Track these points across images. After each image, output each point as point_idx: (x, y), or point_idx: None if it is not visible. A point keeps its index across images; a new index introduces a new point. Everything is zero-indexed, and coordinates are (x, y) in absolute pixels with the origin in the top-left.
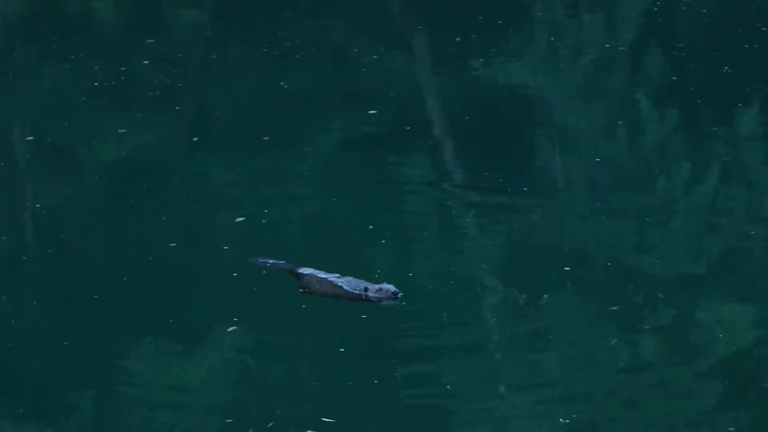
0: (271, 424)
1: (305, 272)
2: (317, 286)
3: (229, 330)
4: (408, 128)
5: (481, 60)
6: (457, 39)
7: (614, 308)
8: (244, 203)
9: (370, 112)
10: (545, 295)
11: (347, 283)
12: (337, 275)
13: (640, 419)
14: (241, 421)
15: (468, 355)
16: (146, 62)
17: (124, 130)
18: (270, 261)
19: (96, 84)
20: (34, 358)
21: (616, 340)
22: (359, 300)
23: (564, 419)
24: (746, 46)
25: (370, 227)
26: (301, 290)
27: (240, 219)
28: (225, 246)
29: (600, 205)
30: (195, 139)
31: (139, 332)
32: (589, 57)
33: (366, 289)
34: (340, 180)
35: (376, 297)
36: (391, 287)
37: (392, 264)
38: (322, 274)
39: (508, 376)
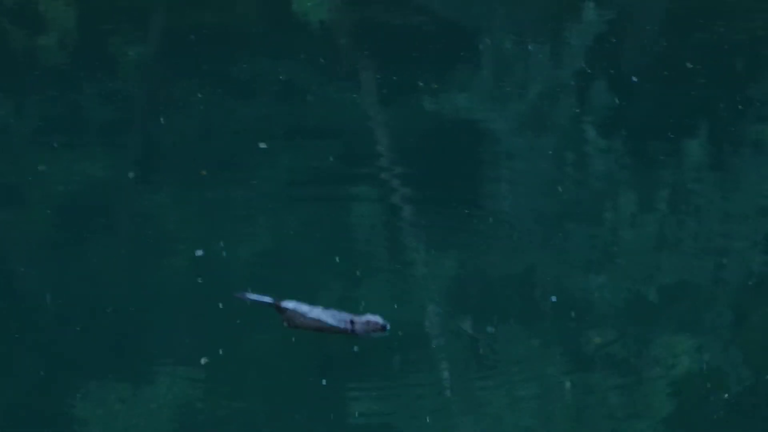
0: None
1: (288, 306)
2: (301, 320)
3: (202, 362)
4: (355, 160)
5: (428, 91)
6: (404, 70)
7: (562, 338)
8: (198, 237)
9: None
10: (492, 328)
11: (331, 316)
12: (321, 308)
13: None
14: None
15: (419, 390)
16: (91, 97)
17: (65, 165)
18: (252, 296)
19: (40, 118)
20: None
21: (565, 371)
22: (346, 333)
23: None
24: (693, 74)
25: (337, 259)
26: (285, 324)
27: (199, 253)
28: (198, 279)
29: (547, 235)
30: (135, 174)
31: (109, 366)
32: (536, 87)
33: (352, 322)
34: (290, 213)
35: (363, 330)
36: (379, 319)
37: (351, 294)
38: (305, 307)
39: (457, 410)
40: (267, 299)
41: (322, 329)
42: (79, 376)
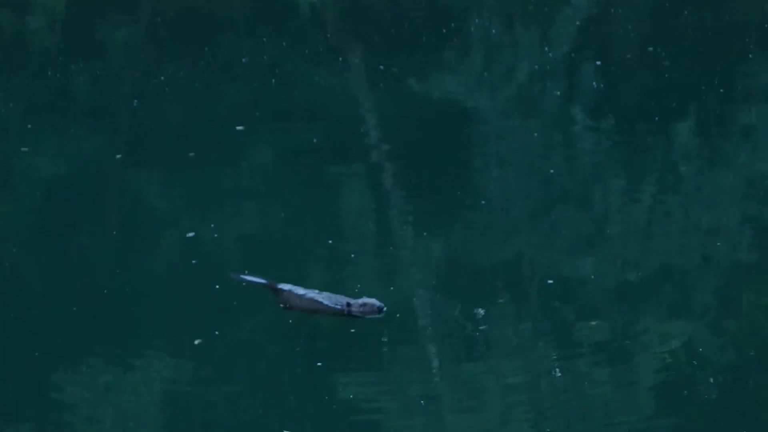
0: None
1: (284, 288)
2: (297, 302)
3: (195, 342)
4: (344, 144)
5: (417, 75)
6: (392, 54)
7: (551, 322)
8: (188, 219)
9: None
10: (481, 311)
11: (327, 298)
12: (316, 291)
13: (575, 428)
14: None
15: (409, 373)
16: (80, 78)
17: (55, 148)
18: (248, 277)
19: (30, 101)
20: None
21: (553, 355)
22: (342, 315)
23: (501, 429)
24: (681, 57)
25: (330, 241)
26: (281, 306)
27: (190, 234)
28: (193, 261)
29: (536, 218)
30: (121, 155)
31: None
32: (524, 70)
33: (348, 305)
34: (279, 195)
35: (359, 312)
36: (375, 302)
37: (343, 277)
38: (300, 290)
39: (447, 391)
40: (262, 281)
41: (318, 311)
42: (68, 359)
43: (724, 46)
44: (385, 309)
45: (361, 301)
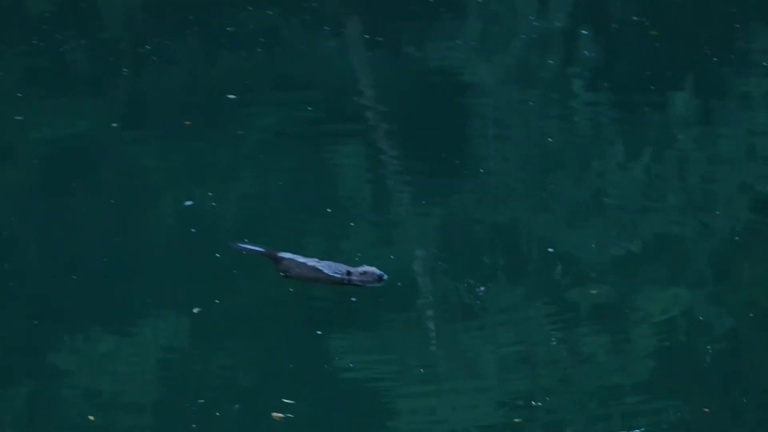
0: (237, 406)
1: (284, 257)
2: (297, 270)
3: (194, 311)
4: (341, 112)
5: (414, 44)
6: (389, 22)
7: (549, 290)
8: (186, 188)
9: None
10: (480, 287)
11: (327, 266)
12: (316, 259)
13: (576, 401)
14: (209, 402)
15: (408, 341)
16: (78, 48)
17: (49, 117)
18: (248, 246)
19: (26, 69)
20: None
21: (551, 322)
22: (342, 284)
23: (500, 399)
24: (679, 27)
25: (329, 210)
26: (282, 274)
27: (188, 203)
28: (192, 229)
29: (534, 188)
30: (118, 124)
31: (104, 315)
32: (522, 39)
33: (349, 273)
34: (277, 163)
35: (359, 280)
36: (376, 270)
37: (339, 247)
38: (300, 259)
39: (446, 359)
40: (262, 249)
41: (318, 279)
42: (64, 327)
43: (717, 15)
44: (385, 277)
45: (361, 269)
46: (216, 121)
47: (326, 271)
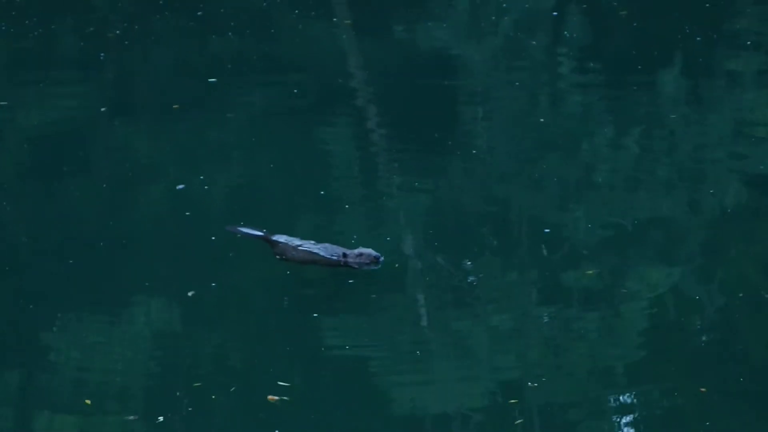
0: (232, 389)
1: (280, 240)
2: (293, 252)
3: (189, 294)
4: (331, 93)
5: (403, 24)
6: (379, 3)
7: (542, 270)
8: (176, 171)
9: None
10: (469, 263)
11: (324, 249)
12: (312, 242)
13: (568, 381)
14: (204, 385)
15: (402, 323)
16: (67, 29)
17: (43, 98)
18: (243, 229)
19: (14, 50)
20: None
21: (542, 301)
22: (338, 266)
23: (491, 376)
24: (668, 6)
25: (322, 192)
26: (277, 257)
27: (180, 186)
28: (186, 213)
29: (523, 167)
30: (106, 108)
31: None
32: (511, 19)
33: (345, 255)
34: (267, 147)
35: (355, 262)
36: (372, 252)
37: (333, 228)
38: (296, 242)
39: (436, 338)
40: (258, 233)
41: (314, 262)
42: (59, 311)
43: None
44: (381, 259)
45: (357, 251)
46: (204, 104)
47: (322, 253)
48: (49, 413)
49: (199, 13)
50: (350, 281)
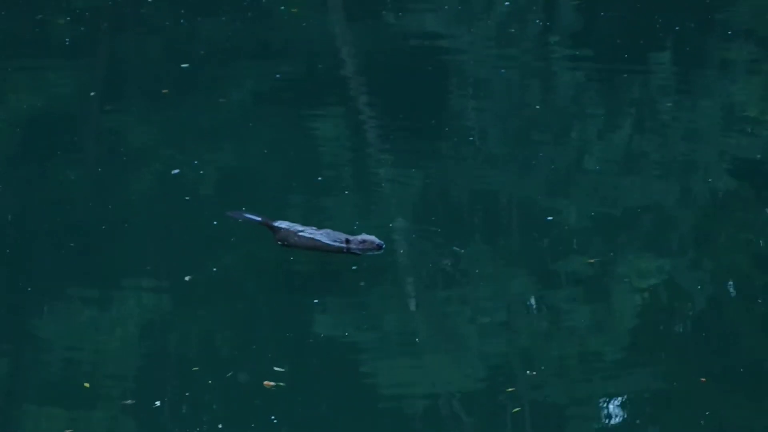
0: (229, 374)
1: (281, 226)
2: (295, 239)
3: (186, 279)
4: (322, 79)
5: (395, 10)
6: None
7: (531, 255)
8: (171, 156)
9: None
10: (460, 249)
11: (326, 235)
12: (314, 228)
13: (554, 364)
14: (201, 370)
15: (394, 305)
16: (59, 14)
17: (33, 82)
18: (245, 214)
19: (4, 35)
20: None
21: (533, 289)
22: (341, 252)
23: (479, 362)
24: None
25: (319, 178)
26: (279, 243)
27: (176, 171)
28: (185, 197)
29: (516, 153)
30: (95, 93)
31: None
32: (503, 5)
33: (348, 241)
34: (260, 131)
35: (358, 249)
36: (375, 238)
37: (321, 211)
38: (298, 227)
39: (432, 324)
40: (259, 218)
41: (316, 248)
42: (54, 295)
43: None
44: (384, 246)
45: (360, 237)
46: (195, 89)
47: (325, 240)
48: (45, 397)
49: None
50: (353, 267)
